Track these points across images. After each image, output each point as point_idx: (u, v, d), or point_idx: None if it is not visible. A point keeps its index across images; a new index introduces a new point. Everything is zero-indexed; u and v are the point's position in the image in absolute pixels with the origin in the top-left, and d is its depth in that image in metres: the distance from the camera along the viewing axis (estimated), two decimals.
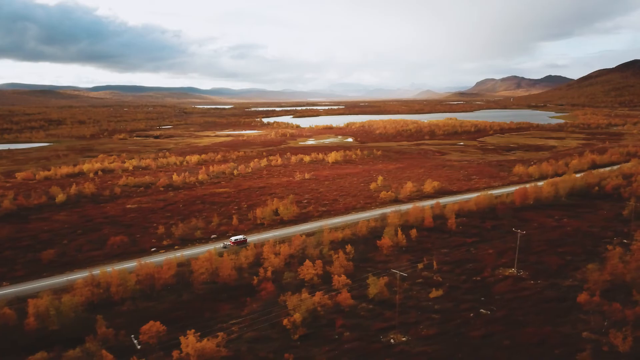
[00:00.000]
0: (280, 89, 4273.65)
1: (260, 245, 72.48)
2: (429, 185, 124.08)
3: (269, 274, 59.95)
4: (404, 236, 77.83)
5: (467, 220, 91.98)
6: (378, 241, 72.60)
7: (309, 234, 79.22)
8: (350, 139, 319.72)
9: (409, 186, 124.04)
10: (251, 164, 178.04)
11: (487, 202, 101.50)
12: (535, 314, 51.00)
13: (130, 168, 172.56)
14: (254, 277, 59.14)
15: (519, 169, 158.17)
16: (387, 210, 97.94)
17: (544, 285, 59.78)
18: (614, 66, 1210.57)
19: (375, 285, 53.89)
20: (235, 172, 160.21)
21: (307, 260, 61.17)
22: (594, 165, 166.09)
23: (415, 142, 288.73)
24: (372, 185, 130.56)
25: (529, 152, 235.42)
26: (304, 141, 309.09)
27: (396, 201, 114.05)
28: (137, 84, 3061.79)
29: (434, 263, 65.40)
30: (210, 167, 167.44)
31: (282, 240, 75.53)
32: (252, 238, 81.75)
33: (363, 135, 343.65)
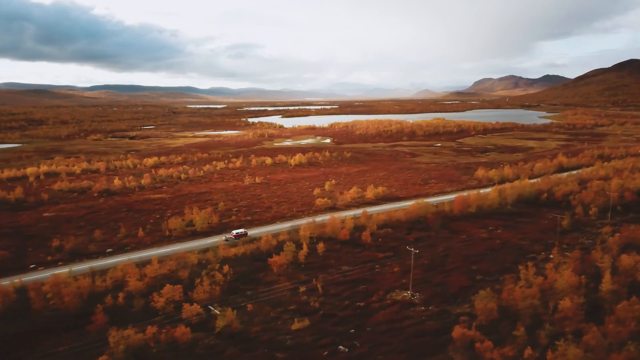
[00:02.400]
0: (279, 89, 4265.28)
1: (139, 264, 65.37)
2: (371, 192, 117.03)
3: (120, 301, 52.97)
4: (307, 251, 70.98)
5: (391, 232, 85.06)
6: (269, 259, 65.48)
7: (203, 250, 72.22)
8: (328, 140, 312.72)
9: (351, 192, 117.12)
10: (205, 167, 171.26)
11: (423, 210, 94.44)
12: (399, 352, 44.06)
13: (78, 171, 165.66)
14: (99, 305, 51.92)
15: (480, 172, 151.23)
16: (317, 219, 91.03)
17: (433, 313, 52.84)
18: (610, 65, 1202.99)
19: (224, 316, 46.90)
20: (182, 176, 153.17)
21: (167, 285, 54.14)
22: (561, 169, 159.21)
23: (391, 143, 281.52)
24: (316, 191, 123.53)
25: (503, 154, 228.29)
26: (280, 142, 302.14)
27: (333, 209, 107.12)
28: (136, 84, 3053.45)
29: (319, 286, 58.31)
30: (160, 171, 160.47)
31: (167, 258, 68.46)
32: (145, 254, 74.66)
33: (343, 136, 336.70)
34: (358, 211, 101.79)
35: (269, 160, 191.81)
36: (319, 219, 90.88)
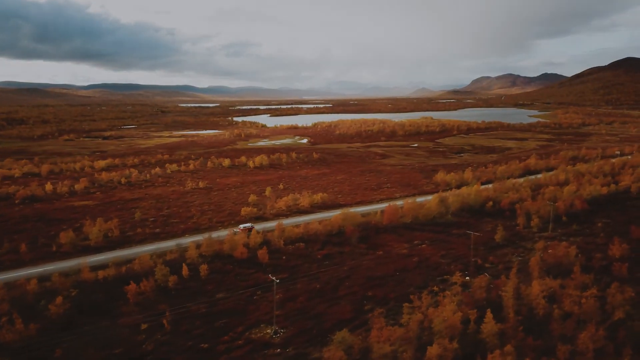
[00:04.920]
0: (277, 87, 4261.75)
1: None
2: (308, 199, 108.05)
3: None
4: (188, 274, 62.22)
5: (302, 247, 76.18)
6: (126, 286, 56.46)
7: (63, 273, 63.25)
8: (305, 140, 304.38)
9: (285, 199, 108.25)
10: (154, 170, 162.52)
11: (348, 221, 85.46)
12: None
13: (18, 175, 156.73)
14: None
15: (440, 176, 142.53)
16: (222, 233, 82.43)
17: (287, 357, 43.96)
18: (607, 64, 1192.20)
19: None
20: (123, 180, 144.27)
21: None
22: (527, 172, 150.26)
23: (367, 144, 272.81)
24: (251, 198, 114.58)
25: (477, 155, 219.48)
26: (254, 142, 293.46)
27: (260, 218, 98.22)
28: (134, 82, 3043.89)
29: (165, 321, 49.35)
30: (103, 174, 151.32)
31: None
32: (7, 276, 65.74)
33: (322, 136, 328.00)
34: (286, 221, 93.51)
35: (226, 162, 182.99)
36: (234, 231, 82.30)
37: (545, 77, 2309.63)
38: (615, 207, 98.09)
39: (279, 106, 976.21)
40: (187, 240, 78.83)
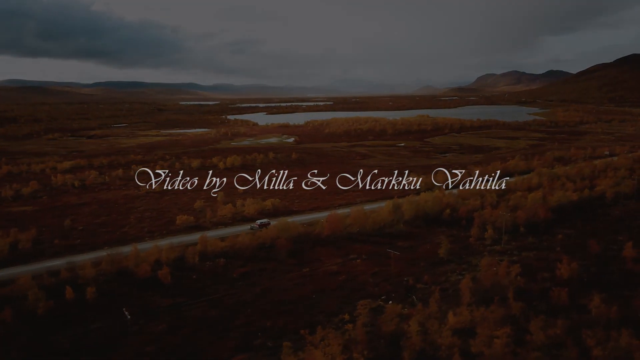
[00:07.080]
0: (282, 85, 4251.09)
1: None
2: (255, 205, 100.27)
3: None
4: (73, 297, 54.84)
5: (222, 264, 68.46)
6: None
7: None
8: (291, 139, 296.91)
9: (229, 206, 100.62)
10: (115, 172, 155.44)
11: (284, 232, 77.69)
12: None
13: None
14: None
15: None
16: (164, 242, 75.21)
17: None
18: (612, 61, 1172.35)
19: None
20: (76, 183, 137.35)
21: None
22: (507, 174, 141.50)
23: (353, 143, 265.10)
24: (198, 204, 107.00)
25: (463, 155, 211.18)
26: (239, 141, 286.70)
27: (197, 228, 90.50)
28: (139, 80, 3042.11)
29: None
30: (59, 177, 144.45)
31: None
32: None
33: (310, 135, 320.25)
34: (224, 231, 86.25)
35: (195, 164, 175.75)
36: (171, 240, 75.29)
37: (550, 74, 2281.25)
38: (584, 215, 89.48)
39: (278, 104, 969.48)
40: (88, 256, 71.16)
